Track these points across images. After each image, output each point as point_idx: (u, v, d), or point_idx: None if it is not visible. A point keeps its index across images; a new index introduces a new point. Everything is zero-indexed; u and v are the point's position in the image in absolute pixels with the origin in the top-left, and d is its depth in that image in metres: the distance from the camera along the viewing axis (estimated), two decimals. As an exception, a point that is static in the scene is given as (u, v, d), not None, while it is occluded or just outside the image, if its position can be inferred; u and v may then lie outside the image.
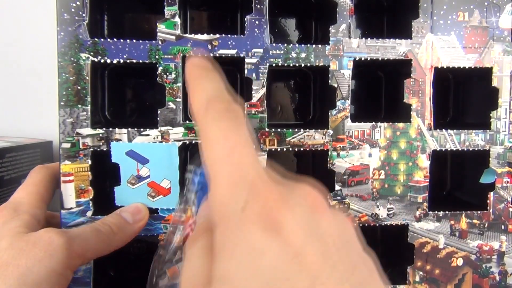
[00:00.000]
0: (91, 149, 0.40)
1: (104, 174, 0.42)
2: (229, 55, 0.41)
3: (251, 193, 0.19)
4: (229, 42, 0.41)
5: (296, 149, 0.43)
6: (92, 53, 0.40)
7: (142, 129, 0.41)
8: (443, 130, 0.44)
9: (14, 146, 0.53)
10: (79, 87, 0.40)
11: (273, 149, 0.43)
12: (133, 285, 0.46)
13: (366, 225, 0.43)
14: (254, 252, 0.18)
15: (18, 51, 0.63)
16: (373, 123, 0.44)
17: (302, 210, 0.20)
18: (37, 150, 0.58)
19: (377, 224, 0.44)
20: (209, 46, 0.41)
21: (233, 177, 0.20)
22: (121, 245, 0.37)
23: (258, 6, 0.41)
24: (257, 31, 0.41)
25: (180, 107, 0.42)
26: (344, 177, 0.43)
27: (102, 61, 0.40)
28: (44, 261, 0.31)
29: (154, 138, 0.41)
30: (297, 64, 0.42)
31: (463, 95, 0.48)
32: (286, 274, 0.17)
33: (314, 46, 0.43)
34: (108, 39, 0.40)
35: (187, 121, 0.42)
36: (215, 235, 0.19)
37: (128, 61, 0.40)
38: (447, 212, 0.44)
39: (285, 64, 0.42)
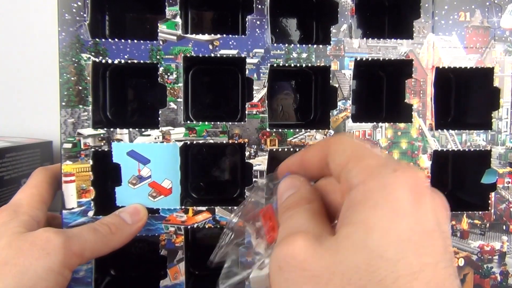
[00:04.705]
0: (93, 149, 0.40)
1: (106, 174, 0.42)
2: (230, 55, 0.41)
3: (398, 164, 0.22)
4: (230, 42, 0.41)
5: (297, 150, 0.43)
6: (93, 53, 0.40)
7: (143, 129, 0.41)
8: (445, 130, 0.44)
9: (14, 146, 0.53)
10: (80, 88, 0.40)
11: (274, 150, 0.43)
12: (134, 285, 0.46)
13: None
14: (397, 211, 0.20)
15: (19, 52, 0.63)
16: (374, 123, 0.44)
17: (439, 200, 0.23)
18: (37, 150, 0.58)
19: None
20: (210, 46, 0.41)
21: (380, 156, 0.23)
22: (119, 246, 0.37)
23: (259, 6, 0.41)
24: (258, 31, 0.41)
25: (181, 107, 0.42)
26: (345, 177, 0.43)
27: (103, 61, 0.40)
28: (42, 259, 0.31)
29: (155, 138, 0.41)
30: (298, 65, 0.42)
31: (464, 95, 0.48)
32: (416, 245, 0.20)
33: (315, 46, 0.43)
34: (109, 39, 0.40)
35: (188, 121, 0.42)
36: (353, 192, 0.22)
37: (129, 61, 0.40)
38: (448, 212, 0.44)
39: (286, 64, 0.42)
